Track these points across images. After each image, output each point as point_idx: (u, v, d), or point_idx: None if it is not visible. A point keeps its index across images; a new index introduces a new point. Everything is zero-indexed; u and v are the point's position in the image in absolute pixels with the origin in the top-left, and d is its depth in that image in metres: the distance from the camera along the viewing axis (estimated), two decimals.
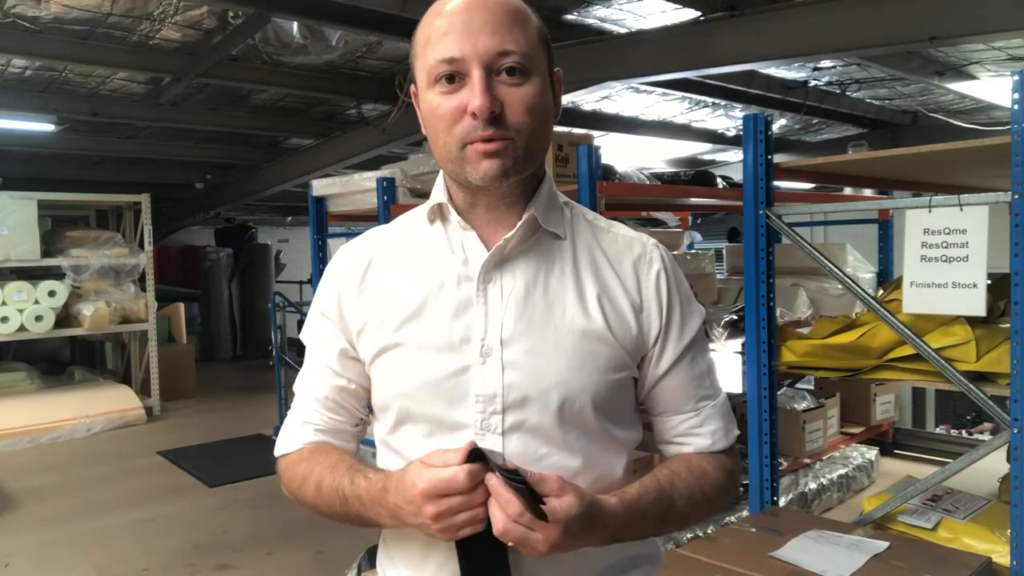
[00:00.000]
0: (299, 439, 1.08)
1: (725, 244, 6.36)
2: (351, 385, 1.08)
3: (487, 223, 1.03)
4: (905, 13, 3.57)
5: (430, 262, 1.03)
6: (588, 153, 3.06)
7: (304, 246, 12.15)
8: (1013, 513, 2.18)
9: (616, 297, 1.03)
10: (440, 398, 0.98)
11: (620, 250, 1.07)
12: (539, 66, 0.97)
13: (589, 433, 1.00)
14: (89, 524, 4.10)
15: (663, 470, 1.03)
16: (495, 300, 0.99)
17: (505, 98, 0.94)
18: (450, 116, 0.95)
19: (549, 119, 1.00)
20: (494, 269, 1.01)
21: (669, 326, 1.05)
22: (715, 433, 1.08)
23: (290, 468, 1.08)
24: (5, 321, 6.00)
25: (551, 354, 0.98)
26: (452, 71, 0.94)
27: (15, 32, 4.29)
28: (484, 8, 0.95)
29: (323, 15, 4.13)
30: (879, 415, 4.21)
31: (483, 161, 0.95)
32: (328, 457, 1.04)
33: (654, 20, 4.43)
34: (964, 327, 2.37)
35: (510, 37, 0.94)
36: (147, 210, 6.80)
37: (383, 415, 1.06)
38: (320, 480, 1.01)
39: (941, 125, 7.01)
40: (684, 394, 1.07)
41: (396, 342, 1.01)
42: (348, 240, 5.09)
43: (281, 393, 6.15)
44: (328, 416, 1.09)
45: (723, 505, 1.10)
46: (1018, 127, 2.09)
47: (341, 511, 0.99)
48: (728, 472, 1.09)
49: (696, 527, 3.09)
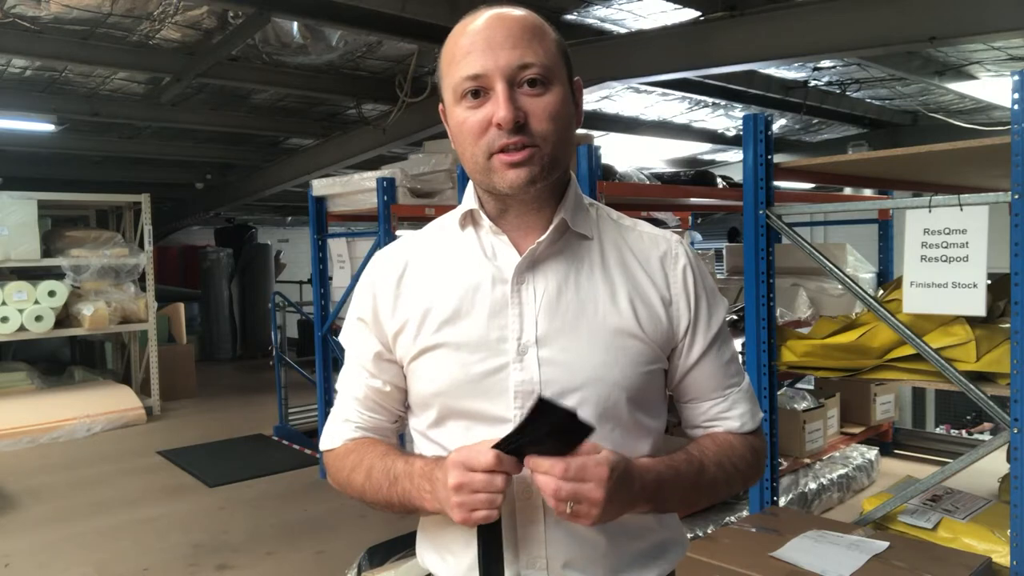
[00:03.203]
0: (341, 435, 1.15)
1: (725, 244, 6.37)
2: (386, 387, 1.13)
3: (517, 227, 1.08)
4: (905, 13, 3.57)
5: (464, 266, 1.08)
6: (588, 153, 3.06)
7: (304, 246, 12.16)
8: (1013, 513, 2.18)
9: (646, 293, 1.07)
10: (480, 395, 1.04)
11: (646, 247, 1.11)
12: (559, 76, 1.02)
13: (623, 425, 1.05)
14: (89, 524, 4.10)
15: (691, 444, 1.10)
16: (528, 301, 1.04)
17: (528, 108, 0.98)
18: (477, 129, 0.99)
19: (572, 126, 1.05)
20: (527, 271, 1.05)
21: (697, 318, 1.10)
22: (743, 416, 1.14)
23: (338, 460, 1.13)
24: (5, 321, 6.00)
25: (585, 351, 1.03)
26: (477, 87, 0.99)
27: (15, 32, 4.29)
28: (503, 25, 1.00)
29: (323, 15, 4.13)
30: (879, 415, 4.21)
31: (509, 171, 0.99)
32: (377, 447, 1.10)
33: (654, 20, 4.43)
34: (964, 327, 2.37)
35: (529, 50, 0.99)
36: (147, 210, 6.80)
37: (423, 411, 1.11)
38: (372, 466, 1.07)
39: (941, 125, 7.01)
40: (713, 381, 1.13)
41: (436, 343, 1.06)
42: (348, 240, 5.07)
43: (281, 393, 6.14)
44: (368, 415, 1.15)
45: (752, 480, 1.16)
46: (1018, 127, 2.09)
47: (387, 493, 1.04)
48: (755, 450, 1.14)
49: (696, 527, 3.09)
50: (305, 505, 4.28)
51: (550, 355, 1.02)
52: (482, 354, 1.03)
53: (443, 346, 1.05)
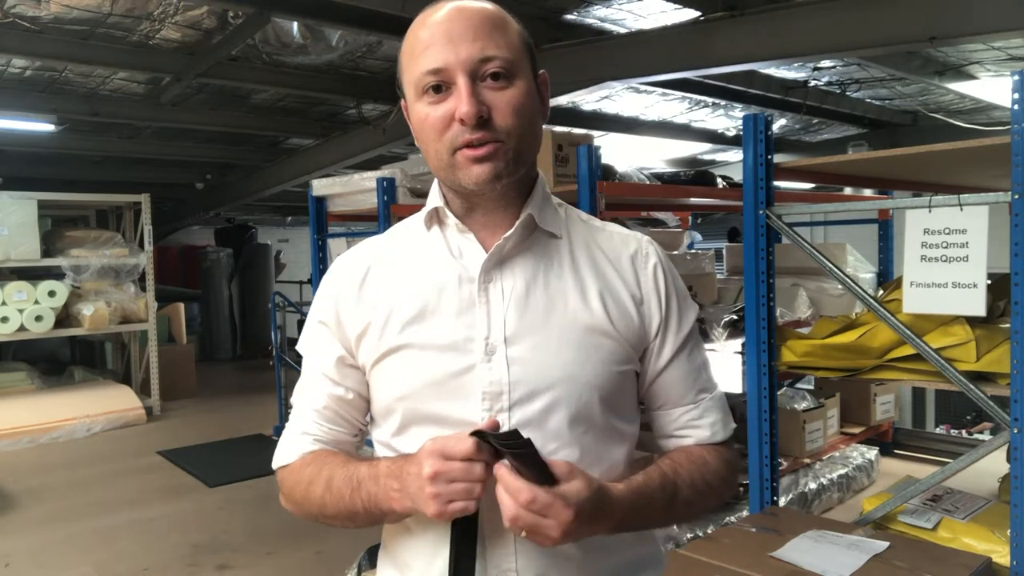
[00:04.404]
0: (298, 450, 1.08)
1: (725, 244, 6.35)
2: (349, 395, 1.08)
3: (484, 226, 1.04)
4: (905, 13, 3.57)
5: (430, 265, 1.04)
6: (588, 153, 3.06)
7: (304, 246, 12.15)
8: (1013, 513, 2.18)
9: (617, 291, 1.05)
10: (446, 398, 0.99)
11: (617, 246, 1.09)
12: (523, 69, 0.99)
13: (595, 428, 1.02)
14: (89, 524, 4.10)
15: (665, 460, 1.06)
16: (496, 299, 1.01)
17: (491, 102, 0.95)
18: (439, 124, 0.96)
19: (537, 120, 1.02)
20: (494, 269, 1.02)
21: (668, 318, 1.07)
22: (714, 425, 1.11)
23: (293, 474, 1.07)
24: (5, 321, 6.00)
25: (555, 349, 0.99)
26: (438, 81, 0.96)
27: (15, 32, 4.30)
28: (463, 17, 0.97)
29: (323, 15, 4.13)
30: (879, 415, 4.20)
31: (474, 166, 0.96)
32: (338, 456, 1.04)
33: (654, 20, 4.42)
34: (964, 327, 2.36)
35: (491, 43, 0.96)
36: (147, 210, 6.80)
37: (386, 419, 1.06)
38: (331, 475, 1.01)
39: (941, 125, 7.01)
40: (684, 386, 1.10)
41: (399, 344, 1.01)
42: (348, 240, 5.07)
43: (281, 393, 6.15)
44: (328, 427, 1.08)
45: (725, 495, 1.13)
46: (1018, 127, 2.08)
47: (349, 502, 0.98)
48: (728, 462, 1.11)
49: (696, 527, 3.09)
50: None
51: (519, 354, 0.99)
52: (449, 355, 0.99)
53: (408, 347, 1.01)
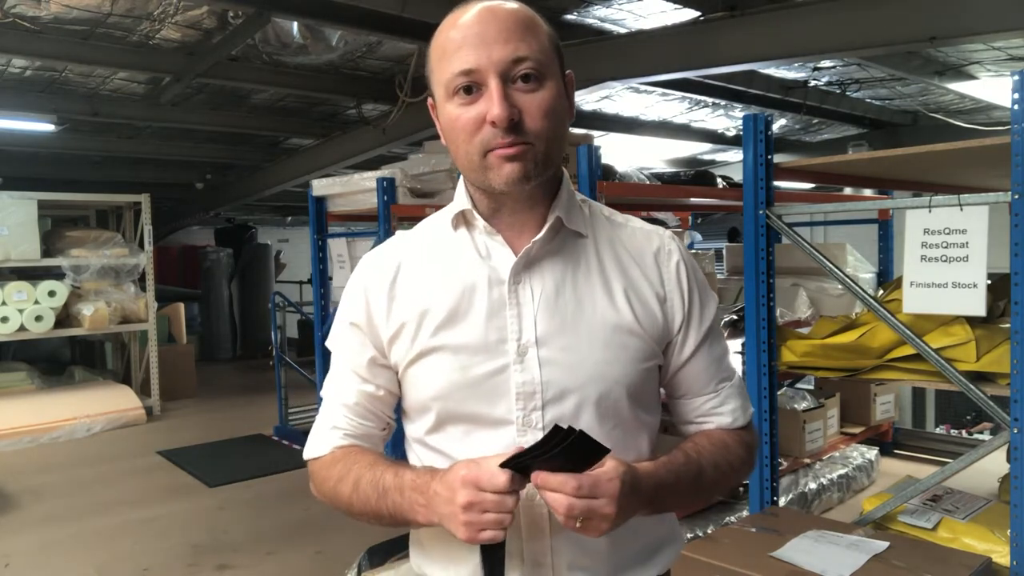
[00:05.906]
0: (328, 443, 1.11)
1: (725, 244, 6.36)
2: (379, 392, 1.10)
3: (511, 226, 1.06)
4: (905, 13, 3.57)
5: (459, 267, 1.06)
6: (588, 153, 3.06)
7: (304, 246, 12.15)
8: (1013, 513, 2.18)
9: (641, 290, 1.07)
10: (481, 398, 1.02)
11: (640, 243, 1.11)
12: (552, 70, 1.00)
13: (623, 422, 1.05)
14: (89, 524, 4.10)
15: (688, 443, 1.10)
16: (527, 301, 1.03)
17: (522, 105, 0.97)
18: (471, 126, 0.98)
19: (565, 122, 1.03)
20: (523, 271, 1.04)
21: (691, 313, 1.10)
22: (735, 411, 1.14)
23: (323, 469, 1.10)
24: (5, 321, 6.00)
25: (585, 349, 1.02)
26: (469, 82, 0.97)
27: (15, 32, 4.29)
28: (495, 19, 0.97)
29: (323, 15, 4.13)
30: (879, 415, 4.21)
31: (505, 165, 0.97)
32: (365, 457, 1.07)
33: (654, 20, 4.42)
34: (964, 327, 2.37)
35: (523, 44, 0.97)
36: (147, 210, 6.80)
37: (420, 416, 1.08)
38: (359, 477, 1.03)
39: (941, 125, 7.01)
40: (705, 376, 1.13)
41: (433, 347, 1.04)
42: (348, 240, 5.07)
43: (281, 393, 6.14)
44: (358, 422, 1.11)
45: (744, 477, 1.18)
46: (1018, 127, 2.08)
47: (375, 506, 1.01)
48: (748, 446, 1.15)
49: (696, 527, 3.09)
50: (305, 505, 4.27)
51: (550, 355, 1.01)
52: (482, 356, 1.02)
53: (441, 349, 1.03)
